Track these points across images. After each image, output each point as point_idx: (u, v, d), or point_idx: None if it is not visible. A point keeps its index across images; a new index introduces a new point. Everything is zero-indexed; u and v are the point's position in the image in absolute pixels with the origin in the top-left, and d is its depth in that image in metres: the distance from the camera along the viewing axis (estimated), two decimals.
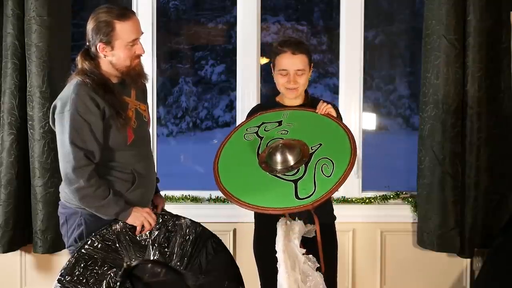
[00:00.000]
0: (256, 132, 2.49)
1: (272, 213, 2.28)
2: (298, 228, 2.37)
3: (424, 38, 3.28)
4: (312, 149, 2.34)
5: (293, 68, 2.51)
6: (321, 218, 2.45)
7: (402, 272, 3.48)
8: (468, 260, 3.41)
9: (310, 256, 2.35)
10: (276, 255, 2.34)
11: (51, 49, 3.13)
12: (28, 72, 3.14)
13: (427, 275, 3.46)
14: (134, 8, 3.43)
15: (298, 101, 2.61)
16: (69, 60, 3.31)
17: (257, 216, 2.63)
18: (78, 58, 2.33)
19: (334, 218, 2.61)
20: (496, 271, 2.98)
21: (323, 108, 2.48)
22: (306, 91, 2.63)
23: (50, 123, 2.35)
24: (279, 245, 2.34)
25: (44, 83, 3.12)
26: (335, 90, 3.95)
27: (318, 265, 2.36)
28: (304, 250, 2.34)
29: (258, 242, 2.60)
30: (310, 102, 2.61)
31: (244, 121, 2.63)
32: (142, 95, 2.47)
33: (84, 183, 2.21)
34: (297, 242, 2.34)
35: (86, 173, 2.21)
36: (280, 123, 2.50)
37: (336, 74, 3.73)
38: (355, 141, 2.37)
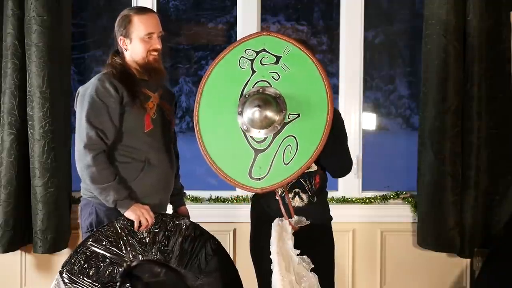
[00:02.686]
0: (252, 61, 2.41)
1: (225, 180, 2.35)
2: (290, 227, 2.37)
3: (424, 38, 3.28)
4: (289, 118, 2.32)
5: None
6: (317, 218, 2.47)
7: (402, 272, 3.48)
8: (468, 260, 3.41)
9: (305, 257, 2.36)
10: (271, 256, 2.34)
11: (51, 49, 3.13)
12: (28, 72, 3.14)
13: (427, 275, 3.46)
14: None
15: None
16: (69, 60, 3.32)
17: (253, 216, 2.63)
18: (109, 57, 2.48)
19: (331, 218, 2.61)
20: (496, 271, 2.98)
21: None
22: None
23: (75, 107, 2.43)
24: (274, 247, 2.35)
25: (44, 83, 3.12)
26: (335, 90, 3.93)
27: (313, 266, 2.36)
28: (298, 251, 2.34)
29: (254, 242, 2.61)
30: None
31: (247, 36, 2.47)
32: (168, 98, 2.56)
33: (91, 160, 2.28)
34: (290, 243, 2.35)
35: (95, 151, 2.29)
36: (278, 60, 2.39)
37: (336, 74, 3.73)
38: (329, 130, 2.28)
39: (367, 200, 3.47)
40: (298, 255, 2.34)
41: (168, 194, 2.55)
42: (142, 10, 2.44)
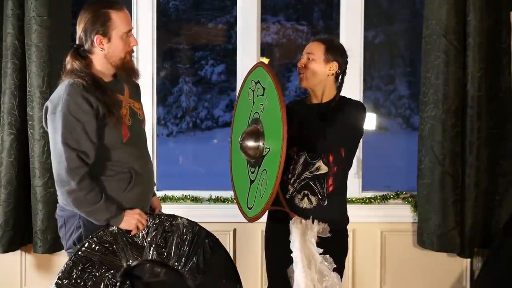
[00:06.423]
0: (253, 92, 2.44)
1: (239, 209, 2.50)
2: (317, 228, 2.36)
3: (424, 38, 3.28)
4: (265, 151, 2.33)
5: (305, 51, 2.50)
6: (323, 221, 2.41)
7: (402, 272, 3.48)
8: (468, 260, 3.41)
9: (327, 256, 2.32)
10: (292, 254, 2.31)
11: (51, 49, 3.13)
12: (28, 72, 3.14)
13: (427, 275, 3.46)
14: (134, 8, 3.43)
15: (319, 100, 2.52)
16: None
17: (268, 216, 2.59)
18: (68, 58, 2.28)
19: (342, 222, 2.51)
20: (496, 271, 2.98)
21: None
22: (338, 95, 2.54)
23: (43, 124, 2.31)
24: (296, 244, 2.31)
25: (44, 83, 3.13)
26: None
27: (335, 266, 2.34)
28: (321, 250, 2.31)
29: (267, 243, 2.61)
30: (337, 101, 2.51)
31: (252, 68, 2.51)
32: (135, 94, 2.43)
33: (75, 185, 2.14)
34: (313, 241, 2.32)
35: (78, 175, 2.16)
36: (264, 91, 2.38)
37: None
38: (282, 166, 2.17)
39: (367, 200, 3.47)
40: (320, 254, 2.32)
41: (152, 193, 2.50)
42: (118, 6, 2.23)
